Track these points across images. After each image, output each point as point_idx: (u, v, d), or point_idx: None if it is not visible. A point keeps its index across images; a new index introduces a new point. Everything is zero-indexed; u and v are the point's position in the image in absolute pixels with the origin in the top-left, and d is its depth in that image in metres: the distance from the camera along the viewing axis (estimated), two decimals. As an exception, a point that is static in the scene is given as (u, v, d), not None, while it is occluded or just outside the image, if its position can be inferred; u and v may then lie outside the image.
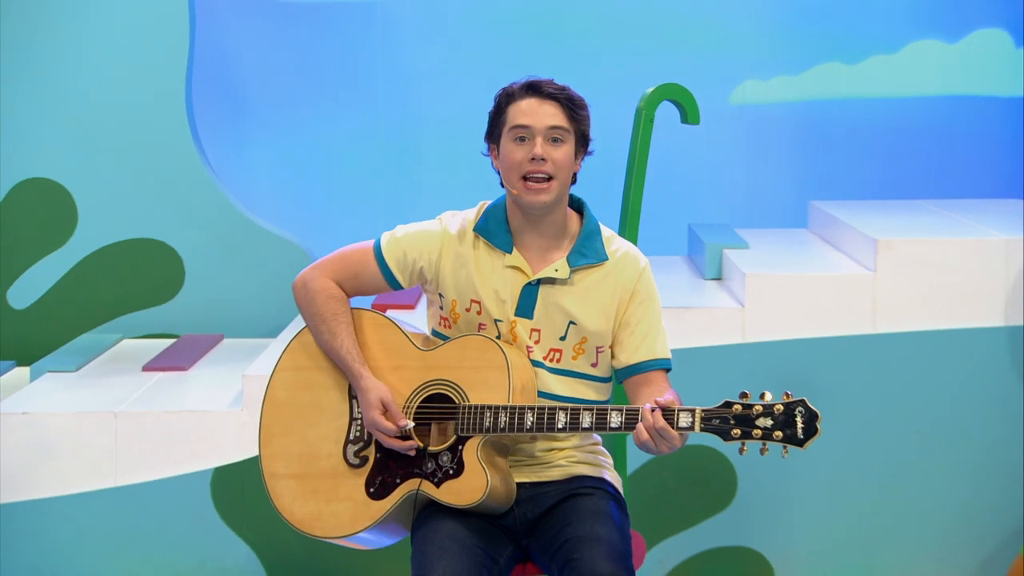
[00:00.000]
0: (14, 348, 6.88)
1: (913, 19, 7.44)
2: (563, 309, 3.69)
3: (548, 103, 3.63)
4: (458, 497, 3.58)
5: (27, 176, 6.85)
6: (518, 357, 3.63)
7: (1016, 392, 5.55)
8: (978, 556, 5.59)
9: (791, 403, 3.42)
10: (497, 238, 3.71)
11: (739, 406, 3.42)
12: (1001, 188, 7.32)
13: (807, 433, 3.42)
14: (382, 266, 3.75)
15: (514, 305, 3.69)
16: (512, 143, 3.64)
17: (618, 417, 3.51)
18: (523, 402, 3.58)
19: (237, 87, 7.44)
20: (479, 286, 3.70)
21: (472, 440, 3.57)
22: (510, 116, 3.65)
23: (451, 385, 3.63)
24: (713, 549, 5.64)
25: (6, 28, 6.75)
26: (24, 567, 5.57)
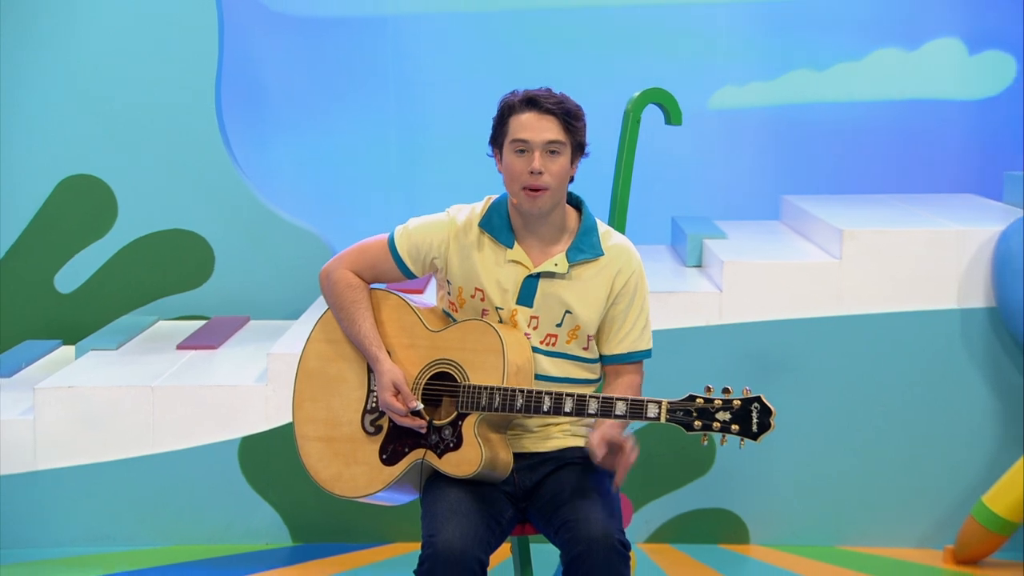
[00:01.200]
0: (61, 328, 6.90)
1: (875, 30, 7.42)
2: (561, 300, 3.69)
3: (546, 118, 3.61)
4: (457, 468, 3.59)
5: (72, 173, 6.87)
6: (515, 342, 3.63)
7: (968, 368, 5.54)
8: (933, 517, 5.59)
9: (748, 399, 3.43)
10: (500, 234, 3.70)
11: (701, 400, 3.44)
12: (955, 184, 7.32)
13: (761, 428, 3.43)
14: (396, 258, 3.76)
15: (515, 295, 3.69)
16: (513, 155, 3.63)
17: (595, 404, 3.52)
18: (518, 382, 3.58)
19: (262, 92, 7.43)
20: (483, 276, 3.69)
21: (470, 417, 3.58)
22: (511, 128, 3.63)
23: (454, 365, 3.64)
24: (694, 511, 5.63)
25: (54, 43, 6.76)
26: (72, 526, 5.59)
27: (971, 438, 5.55)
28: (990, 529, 5.35)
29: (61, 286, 6.93)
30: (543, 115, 3.61)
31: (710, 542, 5.63)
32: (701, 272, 6.04)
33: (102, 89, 6.80)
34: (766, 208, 7.14)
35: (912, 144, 7.46)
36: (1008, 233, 5.48)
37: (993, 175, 7.05)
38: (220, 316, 6.87)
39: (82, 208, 6.88)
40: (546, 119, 3.61)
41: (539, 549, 4.34)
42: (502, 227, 3.70)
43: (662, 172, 6.68)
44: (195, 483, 5.58)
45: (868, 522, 5.61)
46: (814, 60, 7.45)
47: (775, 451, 5.54)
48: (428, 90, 7.43)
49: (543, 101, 3.62)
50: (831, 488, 5.59)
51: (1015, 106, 7.34)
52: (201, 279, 6.94)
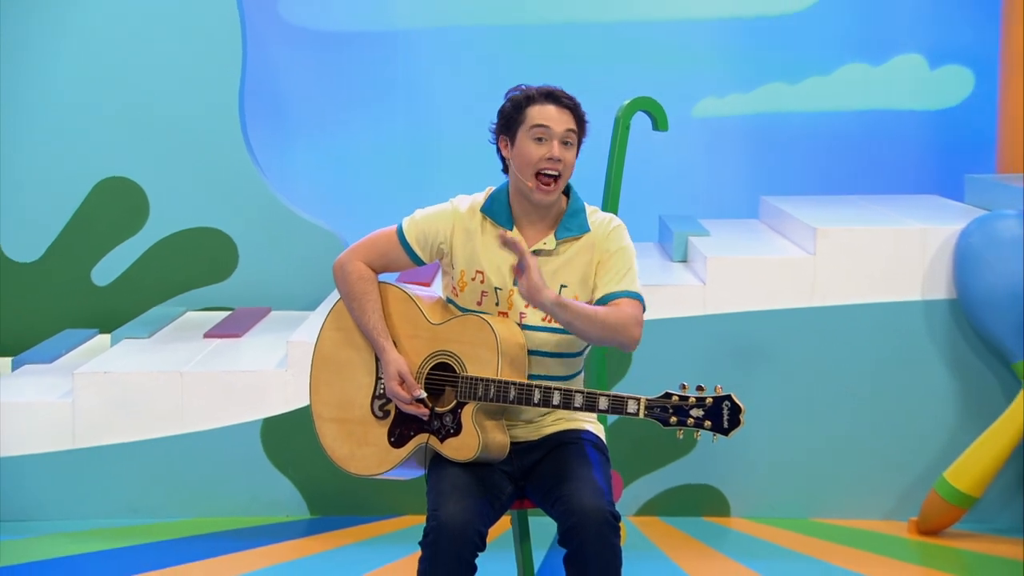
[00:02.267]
0: (97, 318, 6.91)
1: (844, 46, 7.44)
2: (554, 275, 3.65)
3: (565, 111, 3.61)
4: (457, 453, 3.58)
5: (107, 175, 6.88)
6: (509, 335, 3.60)
7: (931, 355, 5.53)
8: (898, 492, 5.58)
9: (719, 397, 3.42)
10: (500, 218, 3.68)
11: (676, 397, 3.42)
12: (918, 186, 7.33)
13: (731, 424, 3.41)
14: (405, 246, 3.73)
15: (512, 276, 3.65)
16: (531, 141, 3.60)
17: (580, 398, 3.50)
18: (511, 374, 3.56)
19: (282, 101, 7.44)
20: (483, 258, 3.67)
21: (468, 406, 3.57)
22: (530, 116, 3.61)
23: (454, 356, 3.62)
24: (679, 486, 5.62)
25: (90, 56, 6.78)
26: (108, 500, 5.59)
27: (933, 419, 5.55)
28: (951, 502, 5.35)
29: (97, 279, 6.93)
30: (563, 108, 3.61)
31: (694, 515, 5.63)
32: (686, 267, 6.04)
33: (135, 98, 6.81)
34: (746, 208, 7.14)
35: (879, 150, 7.47)
36: (968, 231, 5.48)
37: (954, 178, 7.05)
38: (243, 307, 6.87)
39: (117, 208, 6.89)
40: (564, 112, 3.61)
41: (537, 522, 4.32)
42: (502, 212, 3.68)
43: (650, 174, 6.68)
44: (220, 460, 5.58)
45: (839, 496, 5.60)
46: (788, 74, 7.47)
47: (754, 431, 5.51)
48: (434, 98, 7.44)
49: (561, 96, 3.63)
50: (805, 465, 5.58)
51: (973, 115, 7.36)
52: (226, 273, 6.94)
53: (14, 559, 5.12)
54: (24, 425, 5.55)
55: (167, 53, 6.79)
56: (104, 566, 5.04)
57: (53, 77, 6.79)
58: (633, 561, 3.66)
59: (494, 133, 3.69)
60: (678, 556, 5.16)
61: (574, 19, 7.20)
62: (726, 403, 3.40)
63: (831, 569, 5.04)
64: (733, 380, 5.45)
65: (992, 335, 5.41)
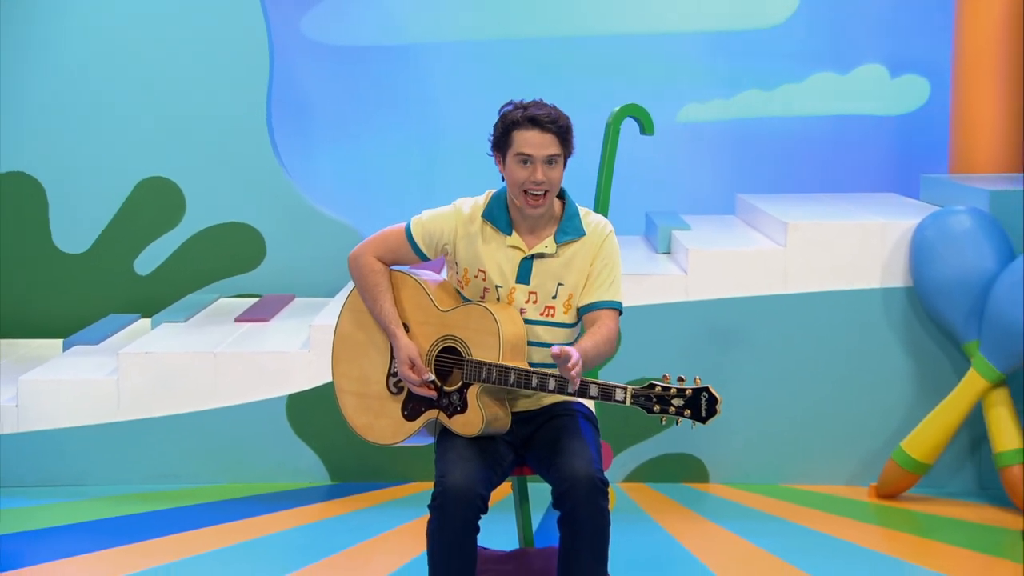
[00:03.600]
0: (139, 304, 6.92)
1: (814, 57, 7.42)
2: (553, 275, 3.66)
3: (547, 135, 3.56)
4: (463, 428, 3.58)
5: (148, 175, 6.89)
6: (510, 322, 3.60)
7: (889, 337, 5.53)
8: (860, 460, 5.59)
9: (698, 389, 3.40)
10: (500, 223, 3.67)
11: (659, 387, 3.41)
12: (879, 184, 7.33)
13: (708, 413, 3.41)
14: (412, 244, 3.72)
15: (514, 275, 3.66)
16: (517, 165, 3.58)
17: (595, 389, 3.47)
18: (512, 359, 3.56)
19: (305, 109, 7.44)
20: (485, 259, 3.66)
21: (473, 386, 3.57)
22: (515, 142, 3.57)
23: (460, 341, 3.62)
24: (663, 455, 5.62)
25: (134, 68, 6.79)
26: (148, 467, 5.59)
27: (891, 395, 5.55)
28: (907, 469, 5.36)
29: (139, 269, 6.94)
30: (544, 132, 3.56)
31: (676, 481, 5.63)
32: (670, 258, 6.03)
33: (173, 106, 6.82)
34: (723, 204, 7.13)
35: (844, 152, 7.46)
36: (923, 225, 5.48)
37: (911, 177, 7.05)
38: (270, 294, 6.87)
39: (156, 205, 6.89)
40: (547, 136, 3.56)
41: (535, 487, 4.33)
42: (501, 216, 3.67)
43: (637, 174, 6.67)
44: (249, 432, 5.58)
45: (807, 464, 5.60)
46: (763, 82, 7.45)
47: (730, 406, 5.50)
48: (442, 106, 7.43)
49: (543, 120, 3.56)
50: (776, 436, 5.59)
51: (929, 120, 7.35)
52: (254, 263, 6.94)
53: (65, 520, 5.14)
54: (74, 400, 5.56)
55: (202, 66, 6.79)
56: (145, 527, 5.04)
57: (100, 89, 6.80)
58: (622, 523, 3.67)
59: (491, 147, 3.67)
60: (662, 519, 5.17)
61: (570, 33, 7.19)
62: (704, 394, 3.40)
63: (799, 529, 5.05)
64: (712, 361, 5.53)
65: (944, 319, 5.41)
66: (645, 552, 4.75)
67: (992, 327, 5.22)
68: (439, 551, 3.50)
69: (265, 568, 4.60)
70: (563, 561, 3.54)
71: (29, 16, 6.74)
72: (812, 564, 4.64)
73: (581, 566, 3.51)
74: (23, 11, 6.74)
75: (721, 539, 4.94)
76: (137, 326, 6.61)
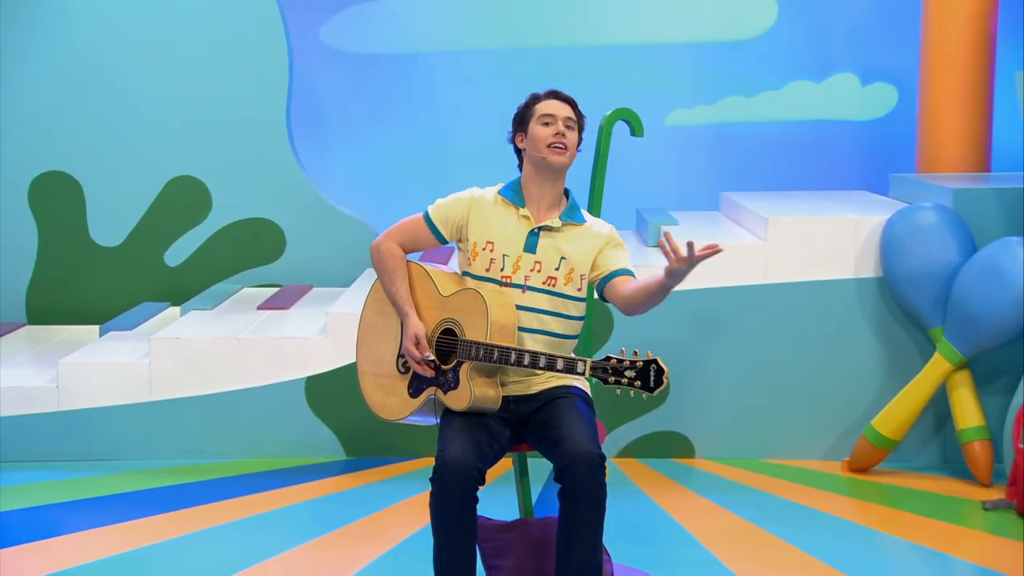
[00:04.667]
0: (169, 293, 6.92)
1: (792, 66, 7.41)
2: (557, 249, 3.69)
3: (565, 104, 3.74)
4: (454, 403, 3.60)
5: (177, 174, 6.89)
6: (500, 306, 3.62)
7: (861, 323, 5.53)
8: (834, 437, 5.59)
9: (648, 361, 3.40)
10: (514, 197, 3.74)
11: (614, 360, 3.42)
12: (852, 183, 7.31)
13: (656, 384, 3.40)
14: (431, 227, 3.77)
15: (522, 244, 3.69)
16: (540, 126, 3.69)
17: (544, 359, 3.52)
18: (501, 339, 3.57)
19: (322, 112, 7.43)
20: (495, 229, 3.71)
21: (465, 364, 3.59)
22: (539, 109, 3.72)
23: (456, 323, 3.64)
24: (652, 433, 5.62)
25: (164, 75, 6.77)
26: (177, 443, 5.60)
27: (863, 376, 5.55)
28: (877, 445, 5.37)
29: (169, 261, 6.94)
30: (563, 102, 3.74)
31: (665, 457, 5.63)
32: (659, 251, 6.01)
33: (200, 110, 6.82)
34: (708, 201, 7.12)
35: (820, 153, 7.46)
36: (892, 221, 5.48)
37: (881, 177, 7.03)
38: (290, 284, 6.87)
39: (184, 201, 6.89)
40: (565, 105, 3.73)
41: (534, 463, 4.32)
42: (516, 192, 3.74)
43: (629, 173, 6.63)
44: (271, 411, 5.58)
45: (785, 440, 5.61)
46: (745, 89, 7.44)
47: (715, 387, 5.54)
48: (448, 110, 7.42)
49: (561, 93, 3.76)
50: (757, 415, 5.59)
51: (897, 124, 7.34)
52: (275, 255, 6.93)
53: (100, 492, 5.14)
54: (109, 381, 5.56)
55: (227, 73, 6.79)
56: (174, 498, 5.05)
57: (133, 95, 6.79)
58: (615, 495, 3.66)
59: (511, 133, 3.77)
60: (652, 491, 5.16)
61: (567, 43, 7.17)
62: (653, 366, 3.40)
63: (778, 501, 5.05)
64: (698, 346, 5.53)
65: (912, 307, 5.40)
66: (636, 522, 4.75)
67: (955, 314, 5.22)
68: (440, 520, 3.51)
69: (285, 537, 4.60)
70: (563, 529, 3.54)
71: (68, 28, 6.74)
72: (790, 533, 4.64)
73: (580, 534, 3.51)
74: (63, 24, 6.73)
75: (706, 510, 4.94)
76: (167, 313, 6.61)
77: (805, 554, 4.43)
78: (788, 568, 4.31)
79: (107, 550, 4.46)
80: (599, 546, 3.56)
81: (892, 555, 4.51)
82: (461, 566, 3.53)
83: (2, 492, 5.11)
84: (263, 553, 4.42)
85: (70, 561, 4.35)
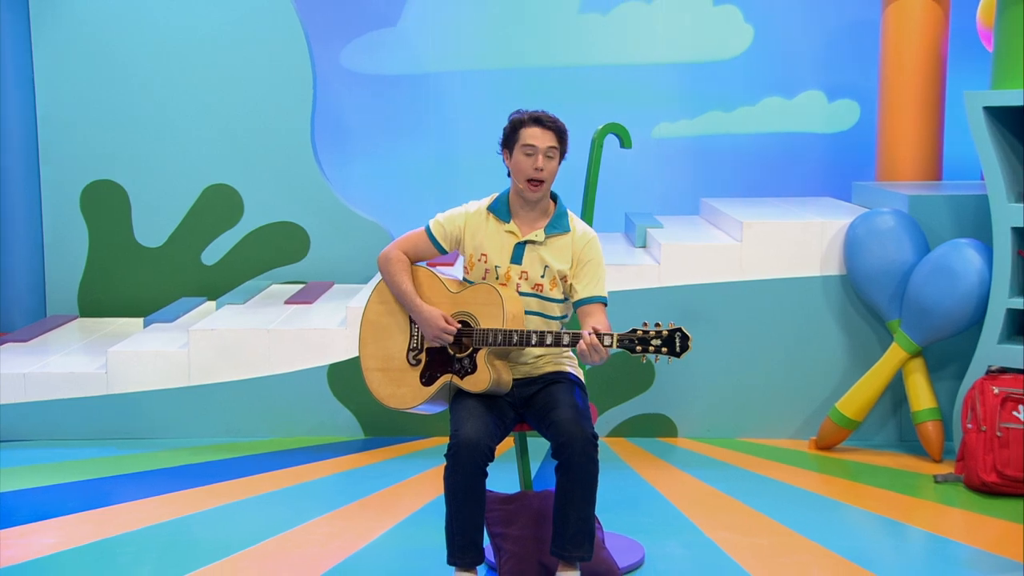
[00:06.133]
0: (206, 289, 6.93)
1: (765, 84, 7.40)
2: (541, 260, 3.69)
3: (548, 132, 3.65)
4: (474, 386, 3.60)
5: (212, 182, 6.89)
6: (510, 298, 3.63)
7: (827, 316, 5.52)
8: (802, 418, 5.58)
9: (673, 330, 3.43)
10: (501, 214, 3.72)
11: (640, 331, 3.44)
12: (819, 190, 7.31)
13: (682, 349, 3.44)
14: (432, 239, 3.76)
15: (509, 256, 3.69)
16: (523, 156, 3.64)
17: (567, 338, 3.52)
18: (512, 326, 3.58)
19: (343, 127, 7.43)
20: (486, 244, 3.71)
21: (482, 350, 3.58)
22: (522, 137, 3.65)
23: (469, 315, 3.63)
24: (639, 414, 5.62)
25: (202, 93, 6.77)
26: (213, 423, 5.59)
27: (828, 364, 5.54)
28: (840, 426, 5.37)
29: (206, 260, 6.94)
30: (545, 130, 3.64)
31: (650, 436, 5.63)
32: (645, 251, 6.03)
33: (234, 125, 6.82)
34: (690, 207, 7.12)
35: (790, 163, 7.45)
36: (855, 224, 5.48)
37: (845, 184, 7.03)
38: (314, 281, 6.87)
39: (219, 207, 6.89)
40: (548, 133, 3.64)
41: (533, 441, 4.34)
42: (503, 209, 3.72)
43: (618, 181, 6.66)
44: (296, 395, 5.58)
45: (759, 421, 5.60)
46: (723, 104, 7.43)
47: (696, 373, 5.54)
48: (456, 126, 7.41)
49: (545, 120, 3.66)
50: (733, 398, 5.59)
51: (859, 137, 7.34)
52: (300, 255, 6.93)
53: (145, 467, 5.15)
54: (152, 368, 5.57)
55: (258, 92, 6.79)
56: (210, 473, 5.05)
57: (173, 111, 6.79)
58: (606, 470, 3.67)
59: (500, 145, 3.72)
60: (639, 467, 5.17)
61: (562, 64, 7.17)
62: (678, 334, 3.43)
63: (751, 475, 5.05)
64: (679, 335, 5.52)
65: (872, 301, 5.41)
66: (625, 494, 4.76)
67: (911, 308, 5.23)
68: (453, 492, 3.52)
69: (309, 508, 4.61)
70: (559, 501, 3.55)
71: (118, 55, 6.74)
72: (762, 504, 4.65)
73: (575, 505, 3.53)
74: (113, 51, 6.74)
75: (687, 484, 4.95)
76: (204, 307, 6.61)
77: (775, 522, 4.45)
78: (761, 535, 4.32)
79: (152, 518, 4.48)
80: (592, 515, 3.58)
81: (853, 523, 4.52)
82: (471, 532, 3.55)
83: (58, 467, 5.13)
84: (290, 522, 4.44)
85: (120, 528, 4.38)
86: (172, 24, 6.74)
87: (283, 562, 4.04)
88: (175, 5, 6.74)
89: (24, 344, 6.14)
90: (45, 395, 5.54)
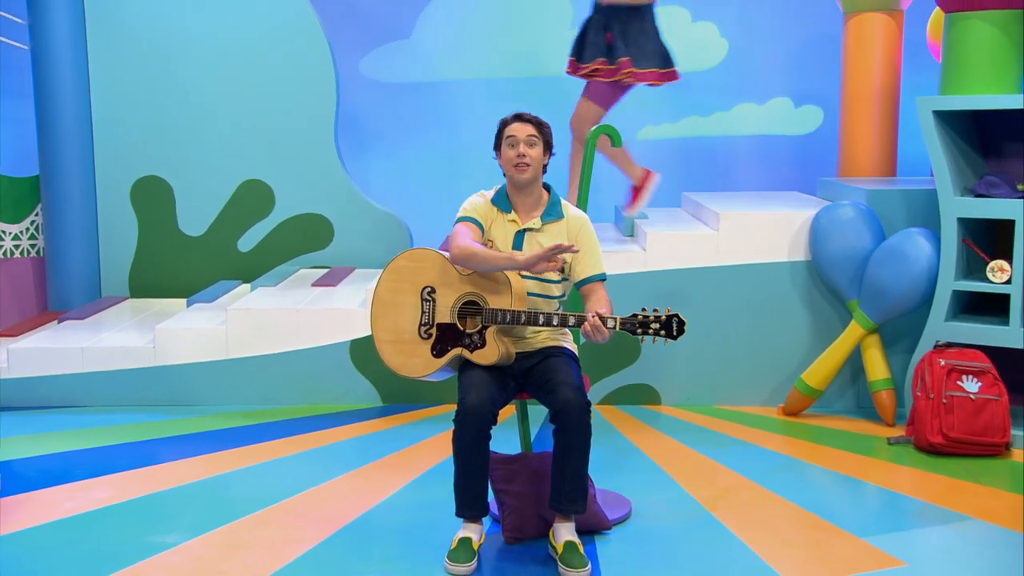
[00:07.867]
0: (241, 273, 6.91)
1: (739, 91, 7.39)
2: (539, 245, 3.68)
3: (526, 124, 3.66)
4: (482, 359, 3.59)
5: (247, 178, 6.87)
6: (517, 282, 3.62)
7: (794, 296, 5.51)
8: (772, 387, 5.58)
9: (671, 315, 3.43)
10: (502, 205, 3.72)
11: (641, 315, 3.43)
12: (787, 185, 7.31)
13: (679, 332, 3.44)
14: (475, 222, 3.67)
15: (511, 243, 3.69)
16: (507, 147, 3.66)
17: (572, 319, 3.51)
18: (519, 306, 3.57)
19: (363, 129, 7.42)
20: (494, 231, 3.71)
21: (491, 328, 3.57)
22: (506, 132, 3.68)
23: (479, 295, 3.62)
24: (627, 384, 5.63)
25: (239, 96, 6.73)
26: (248, 392, 5.59)
27: (795, 339, 5.54)
28: (805, 394, 5.38)
29: (241, 247, 6.93)
30: (524, 122, 3.66)
31: (637, 404, 5.63)
32: (633, 240, 6.01)
33: (267, 126, 6.79)
34: (673, 200, 7.10)
35: (762, 162, 7.44)
36: (819, 215, 5.47)
37: (810, 180, 7.03)
38: (337, 266, 6.86)
39: (253, 200, 6.87)
40: (526, 124, 3.66)
41: (533, 408, 4.34)
42: (503, 201, 3.72)
43: (609, 177, 6.62)
44: (322, 367, 5.58)
45: (733, 390, 5.60)
46: (701, 110, 7.42)
47: (677, 348, 5.54)
48: (465, 129, 7.40)
49: (524, 115, 3.69)
50: (711, 370, 5.58)
51: (823, 138, 7.32)
52: (325, 243, 6.92)
53: (187, 431, 5.16)
54: (194, 343, 5.57)
55: (288, 96, 6.76)
56: (244, 436, 5.06)
57: (213, 114, 6.76)
58: (597, 434, 3.68)
59: (493, 149, 3.73)
60: (627, 432, 5.17)
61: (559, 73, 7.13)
62: (675, 319, 3.43)
63: (727, 438, 5.05)
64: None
65: (833, 283, 5.40)
66: (614, 456, 4.77)
67: (868, 289, 5.22)
68: (461, 453, 3.52)
69: (333, 467, 4.62)
70: (556, 462, 3.55)
71: (163, 61, 6.72)
72: (736, 463, 4.66)
73: (570, 464, 3.53)
74: (160, 57, 6.71)
75: (670, 446, 4.95)
76: (240, 289, 6.61)
77: (748, 480, 4.45)
78: (735, 491, 4.32)
79: (194, 476, 4.49)
80: (585, 474, 3.58)
81: (816, 480, 4.52)
82: (477, 489, 3.56)
83: (112, 430, 5.14)
84: (316, 479, 4.45)
85: (166, 484, 4.39)
86: (213, 37, 6.71)
87: (311, 514, 4.05)
88: (216, 20, 6.71)
89: (81, 322, 6.13)
90: (100, 367, 5.54)
